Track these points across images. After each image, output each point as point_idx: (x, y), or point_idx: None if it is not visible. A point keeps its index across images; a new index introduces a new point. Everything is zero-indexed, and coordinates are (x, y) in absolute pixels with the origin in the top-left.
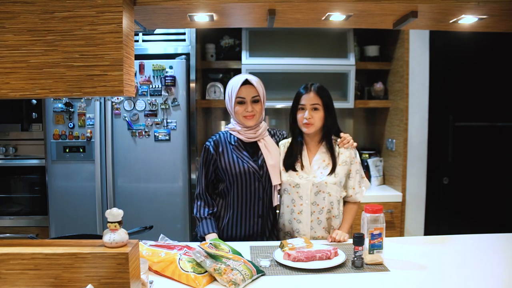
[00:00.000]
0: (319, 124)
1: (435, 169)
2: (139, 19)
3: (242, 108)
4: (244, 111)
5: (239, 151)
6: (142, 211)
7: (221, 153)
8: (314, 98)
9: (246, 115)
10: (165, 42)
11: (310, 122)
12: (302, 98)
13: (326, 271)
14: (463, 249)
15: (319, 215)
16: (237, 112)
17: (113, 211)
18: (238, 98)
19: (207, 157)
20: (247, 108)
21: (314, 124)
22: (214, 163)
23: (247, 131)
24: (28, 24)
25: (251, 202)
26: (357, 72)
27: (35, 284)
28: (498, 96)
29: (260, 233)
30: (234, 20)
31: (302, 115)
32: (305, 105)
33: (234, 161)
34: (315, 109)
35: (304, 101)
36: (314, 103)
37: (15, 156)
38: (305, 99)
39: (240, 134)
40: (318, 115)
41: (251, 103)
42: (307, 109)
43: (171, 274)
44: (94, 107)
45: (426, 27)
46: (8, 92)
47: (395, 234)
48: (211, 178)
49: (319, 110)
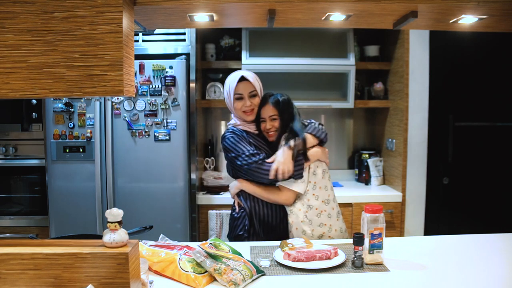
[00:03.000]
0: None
1: (435, 169)
2: (139, 19)
3: (240, 103)
4: (243, 106)
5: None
6: (142, 211)
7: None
8: (271, 110)
9: (245, 110)
10: (165, 42)
11: (271, 131)
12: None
13: (326, 271)
14: (463, 249)
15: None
16: (236, 108)
17: (113, 211)
18: (236, 94)
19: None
20: (246, 103)
21: (276, 132)
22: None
23: (251, 124)
24: (28, 24)
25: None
26: (357, 72)
27: (35, 284)
28: (498, 96)
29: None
30: (234, 20)
31: (264, 126)
32: (265, 118)
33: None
34: (274, 119)
35: (263, 113)
36: (271, 114)
37: (15, 156)
38: (263, 112)
39: (246, 127)
40: (277, 123)
41: (249, 98)
42: (266, 120)
43: (171, 274)
44: (94, 107)
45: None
46: (8, 92)
47: (395, 234)
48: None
49: (277, 119)
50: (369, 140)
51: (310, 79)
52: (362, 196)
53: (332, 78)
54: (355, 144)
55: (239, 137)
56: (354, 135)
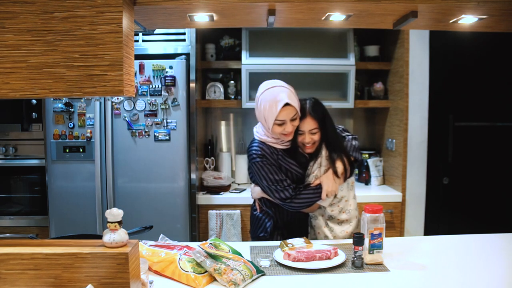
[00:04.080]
0: (319, 142)
1: (435, 169)
2: (139, 19)
3: (281, 128)
4: (284, 130)
5: (285, 160)
6: (142, 211)
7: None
8: (311, 123)
9: (285, 133)
10: (165, 42)
11: (311, 143)
12: (300, 124)
13: (326, 271)
14: (463, 249)
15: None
16: (275, 131)
17: (113, 211)
18: (277, 120)
19: (266, 162)
20: (287, 128)
21: (315, 144)
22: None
23: (284, 142)
24: (28, 24)
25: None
26: (357, 72)
27: (35, 284)
28: (498, 96)
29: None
30: (234, 20)
31: (302, 138)
32: (303, 131)
33: (284, 173)
34: (313, 133)
35: (302, 127)
36: (311, 128)
37: (15, 156)
38: (302, 125)
39: (278, 145)
40: (317, 136)
41: (290, 122)
42: (305, 134)
43: (171, 274)
44: (94, 107)
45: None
46: (8, 92)
47: (395, 234)
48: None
49: (317, 133)
50: (369, 140)
51: (310, 79)
52: (362, 196)
53: (332, 78)
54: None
55: (269, 164)
56: None
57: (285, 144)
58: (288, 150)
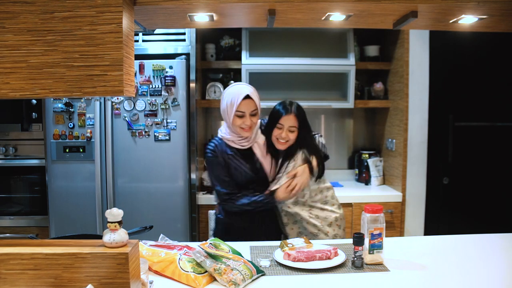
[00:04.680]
0: (292, 142)
1: (435, 169)
2: (139, 19)
3: (240, 121)
4: (243, 123)
5: (235, 160)
6: (142, 211)
7: (221, 159)
8: (293, 121)
9: (244, 127)
10: (165, 42)
11: (285, 140)
12: (282, 118)
13: (326, 271)
14: (463, 249)
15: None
16: (235, 123)
17: (113, 211)
18: (238, 112)
19: (215, 164)
20: (246, 121)
21: (289, 142)
22: (224, 165)
23: (241, 140)
24: (28, 24)
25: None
26: (357, 72)
27: (35, 284)
28: (498, 96)
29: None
30: (234, 20)
31: (279, 132)
32: (283, 126)
33: (233, 172)
34: (291, 131)
35: (283, 121)
36: (291, 125)
37: (15, 156)
38: (284, 120)
39: (235, 144)
40: (294, 135)
41: (250, 116)
42: (284, 129)
43: (171, 274)
44: (94, 107)
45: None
46: (8, 92)
47: (395, 234)
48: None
49: (294, 132)
50: (369, 140)
51: (310, 79)
52: (362, 196)
53: (332, 78)
54: (355, 144)
55: (217, 162)
56: (354, 135)
57: (242, 145)
58: (243, 151)
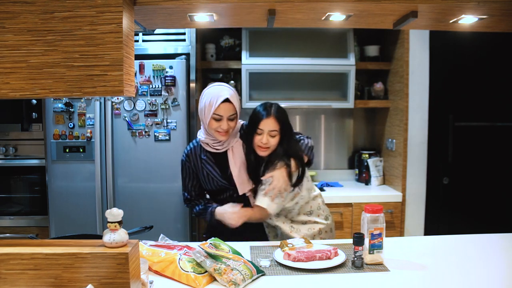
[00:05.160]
0: (274, 148)
1: (435, 169)
2: (139, 19)
3: (217, 124)
4: (219, 127)
5: (208, 165)
6: (142, 211)
7: (193, 166)
8: (273, 125)
9: (219, 131)
10: (165, 42)
11: (266, 146)
12: (261, 122)
13: (326, 271)
14: (463, 249)
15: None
16: (211, 126)
17: (113, 211)
18: (215, 114)
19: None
20: (223, 125)
21: (270, 148)
22: (193, 173)
23: (215, 143)
24: (28, 24)
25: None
26: (357, 72)
27: (35, 284)
28: (498, 96)
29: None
30: (234, 20)
31: (260, 138)
32: (262, 130)
33: (204, 176)
34: (272, 136)
35: (262, 126)
36: (272, 129)
37: (15, 156)
38: (263, 124)
39: (209, 147)
40: (275, 140)
41: (227, 120)
42: (264, 134)
43: (171, 274)
44: (94, 107)
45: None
46: (8, 92)
47: (395, 234)
48: (193, 185)
49: (276, 136)
50: (369, 140)
51: (310, 79)
52: (362, 196)
53: (332, 78)
54: (355, 144)
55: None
56: (354, 135)
57: (216, 148)
58: (216, 156)
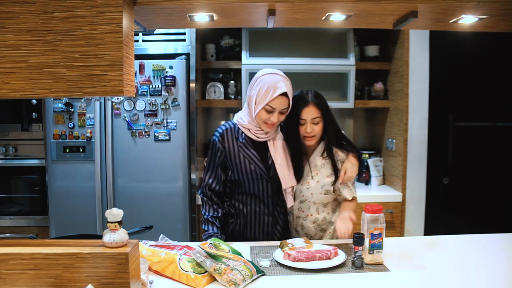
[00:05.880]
0: (320, 135)
1: (435, 169)
2: (139, 19)
3: (267, 116)
4: (269, 119)
5: (247, 150)
6: (142, 211)
7: (227, 148)
8: (314, 112)
9: (268, 123)
10: (165, 42)
11: (311, 135)
12: (302, 112)
13: (326, 271)
14: (463, 249)
15: (303, 221)
16: (261, 116)
17: (113, 211)
18: (268, 106)
19: (214, 152)
20: (273, 117)
21: (316, 136)
22: (223, 158)
23: (259, 131)
24: (28, 24)
25: (259, 200)
26: (357, 72)
27: (35, 284)
28: (498, 96)
29: (271, 232)
30: (234, 20)
31: (304, 128)
32: (305, 120)
33: (240, 161)
34: (315, 123)
35: (304, 115)
36: (314, 117)
37: (15, 156)
38: (305, 114)
39: (250, 133)
40: (319, 127)
41: (278, 114)
42: (307, 123)
43: (171, 274)
44: (94, 107)
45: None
46: (8, 92)
47: (395, 234)
48: (218, 175)
49: (319, 123)
50: (369, 140)
51: (310, 79)
52: (362, 196)
53: (332, 78)
54: (355, 144)
55: (217, 151)
56: (354, 135)
57: (258, 136)
58: (255, 143)
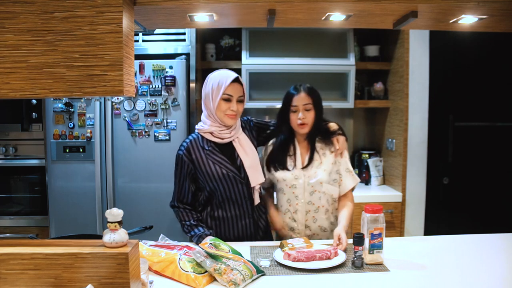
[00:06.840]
0: (312, 123)
1: (435, 169)
2: (139, 19)
3: (227, 105)
4: (229, 109)
5: (214, 156)
6: (142, 211)
7: (195, 160)
8: (305, 99)
9: (229, 114)
10: (165, 42)
11: (305, 122)
12: (293, 99)
13: (326, 271)
14: (463, 249)
15: (315, 213)
16: (221, 109)
17: (113, 211)
18: (225, 94)
19: (181, 166)
20: (232, 106)
21: (308, 123)
22: (191, 171)
23: (223, 131)
24: (28, 24)
25: (237, 204)
26: (357, 72)
27: (35, 284)
28: (498, 96)
29: (253, 234)
30: (234, 20)
31: (296, 116)
32: (297, 106)
33: (211, 168)
34: (307, 109)
35: (296, 102)
36: (306, 103)
37: (15, 156)
38: (296, 100)
39: (214, 136)
40: (311, 115)
41: (237, 102)
42: (300, 110)
43: (171, 274)
44: (94, 107)
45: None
46: (8, 92)
47: (395, 234)
48: (186, 187)
49: (311, 110)
50: (369, 140)
51: (310, 79)
52: (362, 196)
53: (332, 78)
54: (355, 144)
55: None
56: (354, 135)
57: (222, 137)
58: (221, 147)
